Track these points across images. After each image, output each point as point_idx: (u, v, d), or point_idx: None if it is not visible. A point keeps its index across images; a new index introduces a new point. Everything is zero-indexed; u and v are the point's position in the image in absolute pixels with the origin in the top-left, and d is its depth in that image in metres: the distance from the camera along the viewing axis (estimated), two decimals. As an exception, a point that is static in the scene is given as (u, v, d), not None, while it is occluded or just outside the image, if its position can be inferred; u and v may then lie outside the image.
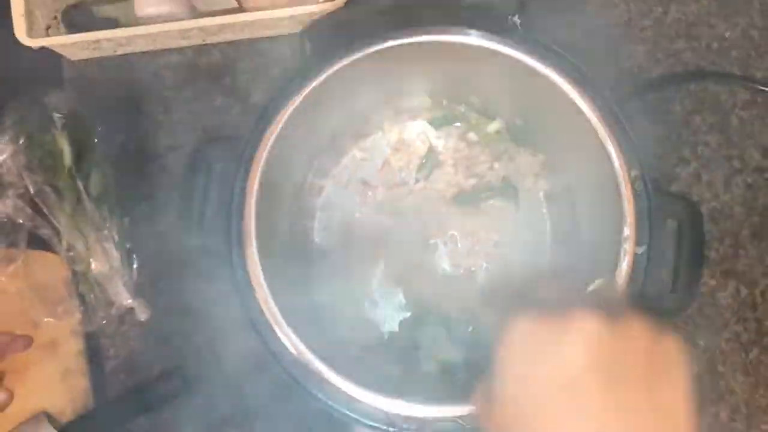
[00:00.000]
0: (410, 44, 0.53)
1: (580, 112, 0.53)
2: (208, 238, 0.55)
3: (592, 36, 0.75)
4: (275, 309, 0.53)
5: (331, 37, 0.54)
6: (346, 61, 0.53)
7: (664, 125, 0.74)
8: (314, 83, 0.53)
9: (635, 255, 0.52)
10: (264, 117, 0.53)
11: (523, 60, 0.53)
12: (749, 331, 0.71)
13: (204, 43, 0.77)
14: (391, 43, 0.53)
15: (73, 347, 0.72)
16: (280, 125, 0.53)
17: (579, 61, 0.55)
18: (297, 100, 0.53)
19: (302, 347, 0.53)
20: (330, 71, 0.53)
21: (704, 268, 0.71)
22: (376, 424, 0.52)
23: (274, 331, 0.53)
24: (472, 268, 0.68)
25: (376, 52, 0.53)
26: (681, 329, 0.70)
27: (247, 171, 0.52)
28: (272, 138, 0.53)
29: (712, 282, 0.71)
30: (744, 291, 0.71)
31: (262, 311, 0.53)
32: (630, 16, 0.76)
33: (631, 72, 0.75)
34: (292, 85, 0.54)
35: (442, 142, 0.70)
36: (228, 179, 0.54)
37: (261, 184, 0.54)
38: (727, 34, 0.75)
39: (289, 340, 0.53)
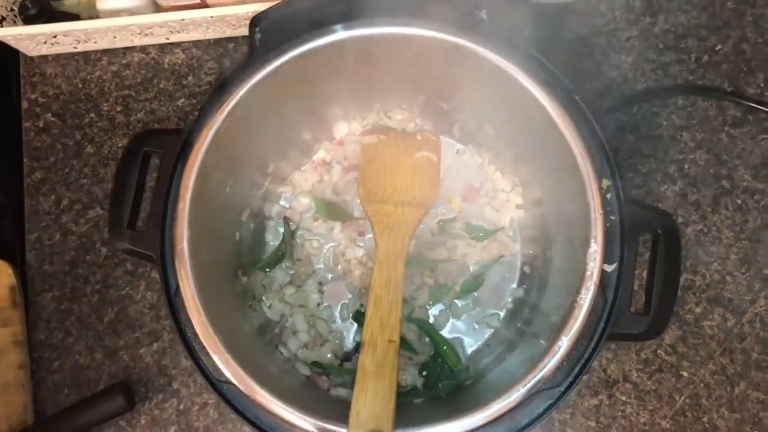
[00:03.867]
0: (364, 37, 0.49)
1: (546, 113, 0.49)
2: (139, 242, 0.50)
3: (574, 44, 0.71)
4: (209, 328, 0.48)
5: (282, 28, 0.50)
6: (294, 53, 0.49)
7: (649, 141, 0.69)
8: (261, 75, 0.49)
9: (604, 273, 0.47)
10: (206, 108, 0.49)
11: (484, 55, 0.49)
12: (736, 364, 0.66)
13: (168, 41, 0.73)
14: (342, 35, 0.49)
15: (14, 359, 0.68)
16: (223, 115, 0.49)
17: (550, 62, 0.51)
18: (242, 90, 0.49)
19: (241, 372, 0.48)
20: (277, 63, 0.49)
21: (689, 295, 0.67)
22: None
23: (208, 354, 0.48)
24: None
25: (329, 44, 0.49)
26: (663, 360, 0.65)
27: (184, 164, 0.48)
28: (213, 129, 0.49)
29: (698, 309, 0.67)
30: (731, 320, 0.66)
31: (194, 331, 0.48)
32: (616, 25, 0.72)
33: (616, 84, 0.71)
34: (238, 75, 0.50)
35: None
36: (165, 177, 0.49)
37: (201, 183, 0.49)
38: (717, 48, 0.71)
39: (227, 364, 0.48)
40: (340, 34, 0.50)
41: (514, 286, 0.63)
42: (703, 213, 0.69)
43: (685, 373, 0.66)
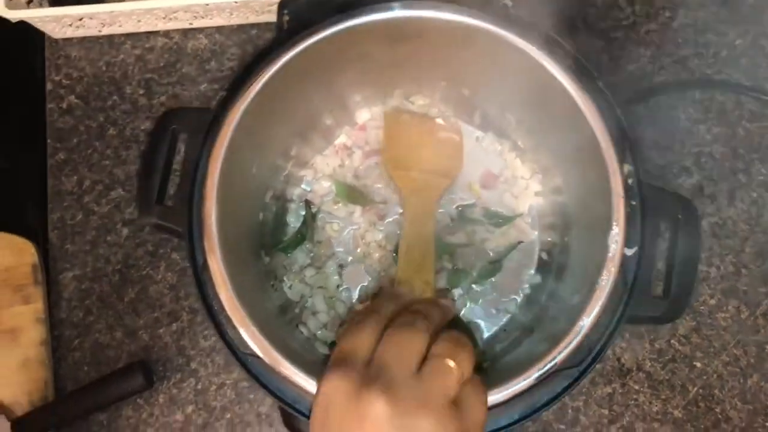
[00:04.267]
0: (388, 21, 0.50)
1: (571, 99, 0.50)
2: (168, 217, 0.51)
3: (594, 37, 0.72)
4: (236, 302, 0.48)
5: (310, 11, 0.51)
6: (322, 35, 0.50)
7: (666, 133, 0.70)
8: (289, 56, 0.50)
9: (624, 257, 0.48)
10: (234, 87, 0.50)
11: (509, 40, 0.50)
12: (749, 356, 0.66)
13: (191, 27, 0.74)
14: (369, 18, 0.50)
15: (35, 336, 0.68)
16: (251, 94, 0.49)
17: (573, 49, 0.52)
18: (270, 71, 0.50)
19: (266, 345, 0.49)
20: (305, 44, 0.50)
21: (704, 286, 0.67)
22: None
23: (234, 327, 0.49)
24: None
25: (354, 28, 0.50)
26: (677, 350, 0.66)
27: (213, 139, 0.48)
28: (242, 108, 0.49)
29: (712, 301, 0.67)
30: (745, 312, 0.67)
31: (221, 304, 0.49)
32: (635, 19, 0.73)
33: (634, 77, 0.71)
34: (266, 56, 0.50)
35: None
36: (192, 155, 0.50)
37: (229, 162, 0.50)
38: (736, 42, 0.72)
39: (253, 337, 0.49)
40: (366, 17, 0.50)
41: (532, 272, 0.63)
42: (719, 206, 0.69)
43: (698, 364, 0.66)
